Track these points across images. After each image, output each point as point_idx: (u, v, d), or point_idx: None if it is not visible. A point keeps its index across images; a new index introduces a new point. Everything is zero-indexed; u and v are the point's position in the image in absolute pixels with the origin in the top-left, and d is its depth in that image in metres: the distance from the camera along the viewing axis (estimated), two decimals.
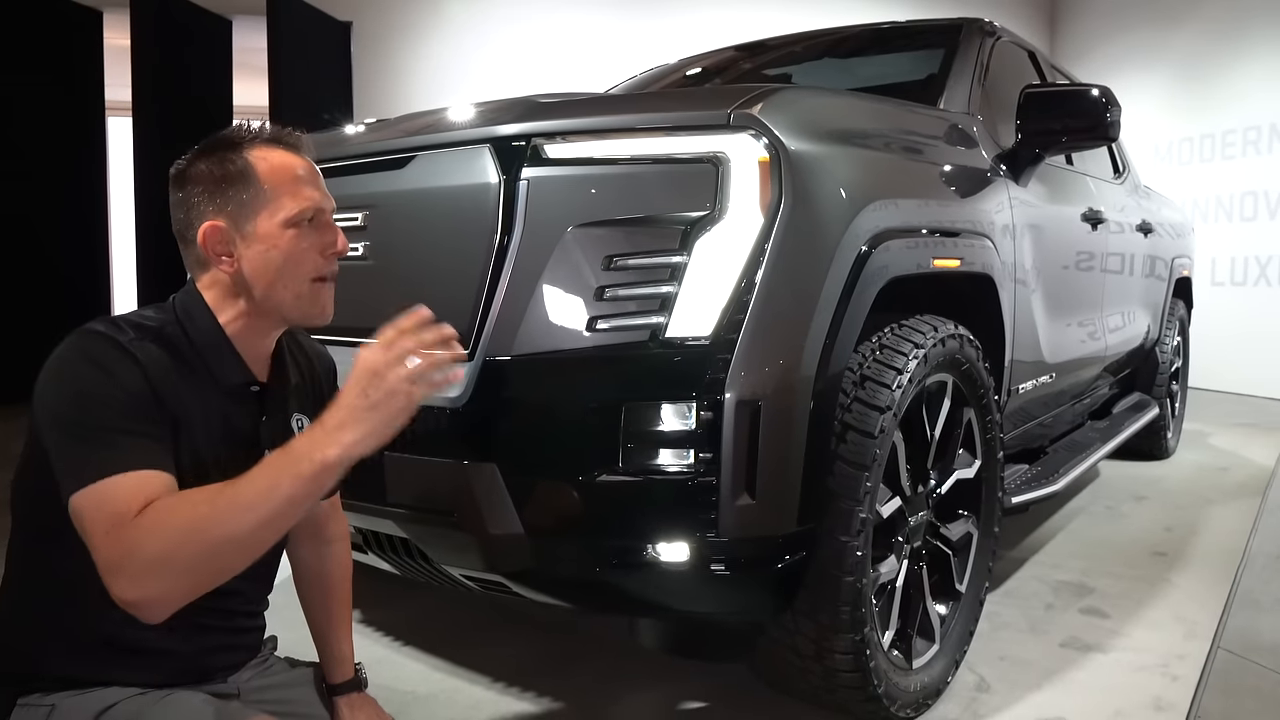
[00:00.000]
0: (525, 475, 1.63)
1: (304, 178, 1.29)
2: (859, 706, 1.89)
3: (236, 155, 1.27)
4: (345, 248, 1.32)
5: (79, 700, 1.21)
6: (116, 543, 1.06)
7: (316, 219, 1.29)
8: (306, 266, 1.28)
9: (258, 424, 1.34)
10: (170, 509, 1.08)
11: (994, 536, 2.33)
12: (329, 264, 1.31)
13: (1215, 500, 4.00)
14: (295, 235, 1.27)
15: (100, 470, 1.09)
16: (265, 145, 1.29)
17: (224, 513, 1.06)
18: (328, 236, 1.30)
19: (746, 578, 1.65)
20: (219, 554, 1.08)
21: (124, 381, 1.15)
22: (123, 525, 1.06)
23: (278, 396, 1.39)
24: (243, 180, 1.26)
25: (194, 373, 1.26)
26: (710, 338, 1.56)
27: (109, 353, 1.17)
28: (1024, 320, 2.60)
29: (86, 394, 1.13)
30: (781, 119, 1.68)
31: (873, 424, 1.76)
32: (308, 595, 1.59)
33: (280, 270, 1.26)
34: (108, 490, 1.08)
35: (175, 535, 1.06)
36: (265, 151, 1.28)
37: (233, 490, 1.08)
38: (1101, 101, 2.61)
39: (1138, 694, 2.15)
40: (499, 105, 1.98)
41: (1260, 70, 7.26)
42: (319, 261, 1.29)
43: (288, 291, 1.28)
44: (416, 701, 2.12)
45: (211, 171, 1.27)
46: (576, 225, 1.64)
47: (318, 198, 1.30)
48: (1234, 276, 7.50)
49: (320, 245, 1.29)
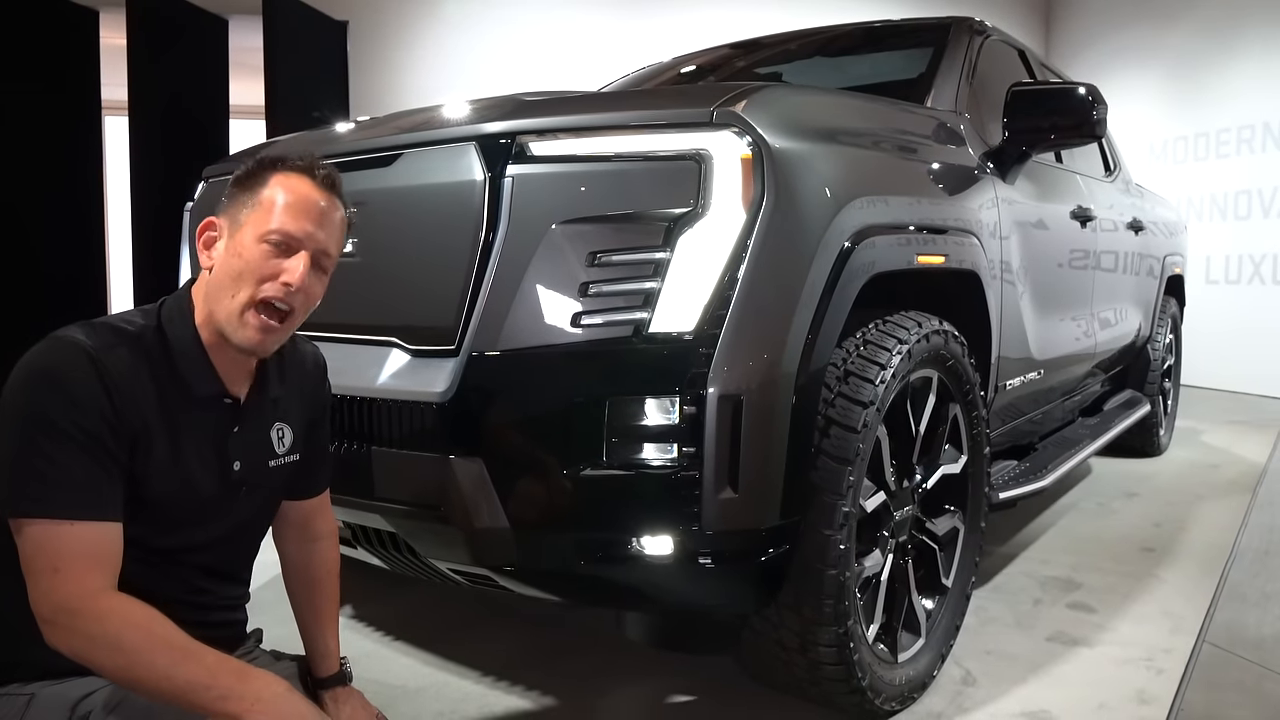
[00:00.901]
0: (511, 469, 1.65)
1: (301, 207, 1.30)
2: (843, 699, 1.90)
3: (268, 173, 1.31)
4: (293, 283, 1.28)
5: (57, 689, 1.23)
6: (55, 594, 1.13)
7: (291, 247, 1.29)
8: (253, 284, 1.27)
9: (228, 436, 1.36)
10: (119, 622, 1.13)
11: (980, 531, 2.35)
12: (272, 291, 1.27)
13: (1206, 497, 4.02)
14: (263, 252, 1.27)
15: (42, 504, 1.14)
16: (295, 172, 1.32)
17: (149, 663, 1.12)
18: (287, 265, 1.28)
19: (730, 571, 1.67)
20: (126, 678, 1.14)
21: (83, 405, 1.17)
22: (64, 580, 1.13)
23: (254, 410, 1.40)
24: (254, 190, 1.30)
25: (166, 382, 1.28)
26: (693, 333, 1.57)
27: (75, 368, 1.18)
28: (1011, 317, 2.62)
29: (42, 415, 1.16)
30: (764, 117, 1.70)
31: (856, 419, 1.78)
32: (295, 590, 1.60)
33: (233, 278, 1.28)
34: (50, 534, 1.14)
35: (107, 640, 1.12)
36: (290, 176, 1.31)
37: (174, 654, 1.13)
38: (1088, 99, 2.63)
39: (1122, 687, 2.17)
40: (484, 103, 1.99)
41: (1254, 69, 7.28)
42: (267, 286, 1.27)
43: (226, 305, 1.28)
44: (404, 695, 2.13)
45: (241, 179, 1.32)
46: (561, 222, 1.65)
47: (297, 227, 1.29)
48: (1228, 275, 7.52)
49: (278, 270, 1.28)
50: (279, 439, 1.45)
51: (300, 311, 1.33)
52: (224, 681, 1.12)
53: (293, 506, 1.56)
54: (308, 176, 1.32)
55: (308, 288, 1.30)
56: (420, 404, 1.69)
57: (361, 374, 1.76)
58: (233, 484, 1.37)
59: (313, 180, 1.32)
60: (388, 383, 1.75)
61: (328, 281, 1.38)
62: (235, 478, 1.37)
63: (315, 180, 1.32)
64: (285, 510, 1.56)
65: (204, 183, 2.46)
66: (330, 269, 1.37)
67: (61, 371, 1.18)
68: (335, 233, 1.35)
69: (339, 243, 1.38)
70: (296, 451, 1.49)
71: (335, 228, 1.35)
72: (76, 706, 1.21)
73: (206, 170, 2.48)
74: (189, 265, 2.42)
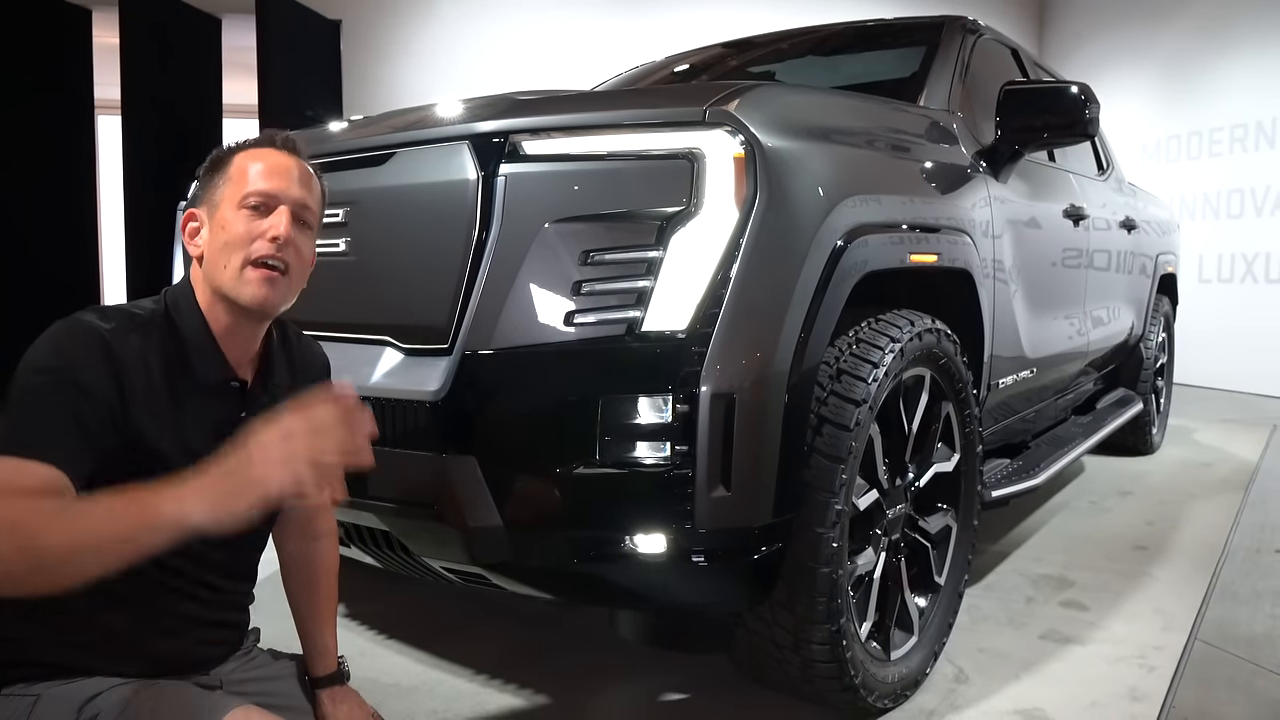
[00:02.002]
0: (504, 468, 1.65)
1: (270, 169, 1.32)
2: (836, 697, 1.91)
3: (231, 154, 1.35)
4: (279, 235, 1.29)
5: (64, 690, 1.22)
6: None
7: (268, 205, 1.31)
8: (243, 248, 1.29)
9: (237, 421, 1.36)
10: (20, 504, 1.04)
11: (973, 530, 2.35)
12: (262, 249, 1.29)
13: (1198, 495, 4.03)
14: (245, 217, 1.30)
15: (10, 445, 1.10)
16: (256, 146, 1.35)
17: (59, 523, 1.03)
18: (269, 222, 1.31)
19: (723, 569, 1.67)
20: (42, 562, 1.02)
21: (84, 373, 1.17)
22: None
23: (261, 394, 1.40)
24: (222, 171, 1.34)
25: (175, 367, 1.28)
26: (686, 331, 1.57)
27: (85, 342, 1.19)
28: (1004, 315, 2.63)
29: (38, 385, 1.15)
30: (757, 116, 1.70)
31: (848, 417, 1.78)
32: (293, 589, 1.60)
33: (224, 248, 1.29)
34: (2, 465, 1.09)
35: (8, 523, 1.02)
36: (251, 150, 1.35)
37: (78, 506, 1.06)
38: (1080, 98, 2.63)
39: (1114, 685, 2.18)
40: (478, 103, 1.99)
41: (1247, 68, 7.31)
42: (256, 245, 1.29)
43: (226, 272, 1.29)
44: (399, 693, 2.13)
45: (208, 168, 1.36)
46: (554, 220, 1.66)
47: (270, 185, 1.31)
48: (1221, 273, 7.55)
49: (263, 229, 1.30)
50: None
51: (295, 268, 1.33)
52: (133, 503, 1.04)
53: None
54: (269, 146, 1.36)
55: (295, 241, 1.32)
56: (414, 402, 1.69)
57: (355, 372, 1.76)
58: None
59: (274, 147, 1.36)
60: (381, 381, 1.75)
61: (314, 240, 1.39)
62: None
63: (276, 146, 1.36)
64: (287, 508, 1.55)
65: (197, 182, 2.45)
66: (315, 225, 1.38)
67: (71, 344, 1.19)
68: (312, 189, 1.37)
69: (317, 200, 1.39)
70: None
71: (310, 184, 1.37)
72: (83, 708, 1.20)
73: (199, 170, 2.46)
74: (182, 263, 2.42)
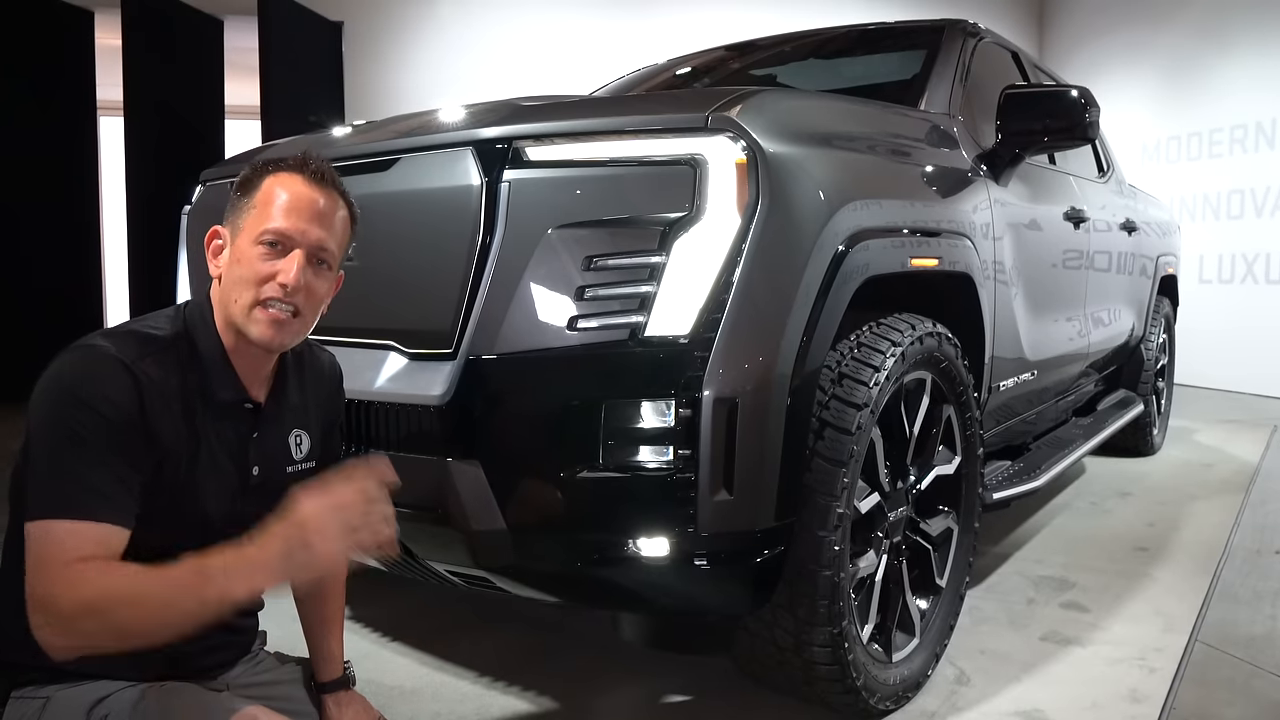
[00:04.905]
0: (508, 472, 1.66)
1: (293, 205, 1.29)
2: (838, 699, 1.91)
3: (261, 176, 1.31)
4: (288, 283, 1.27)
5: (73, 693, 1.23)
6: (38, 583, 1.10)
7: (285, 246, 1.28)
8: (254, 287, 1.27)
9: (248, 441, 1.37)
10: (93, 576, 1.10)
11: (974, 532, 2.36)
12: (272, 292, 1.27)
13: (1199, 496, 4.04)
14: (260, 254, 1.27)
15: (56, 508, 1.13)
16: (287, 171, 1.31)
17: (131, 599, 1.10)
18: (282, 265, 1.28)
19: (725, 572, 1.68)
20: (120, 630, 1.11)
21: (111, 416, 1.17)
22: (48, 567, 1.10)
23: (273, 415, 1.41)
24: (250, 195, 1.31)
25: (193, 390, 1.28)
26: (689, 336, 1.58)
27: (108, 380, 1.19)
28: (1004, 318, 2.63)
29: (73, 429, 1.15)
30: (759, 121, 1.71)
31: (850, 421, 1.79)
32: (302, 594, 1.60)
33: (237, 282, 1.28)
34: (53, 531, 1.12)
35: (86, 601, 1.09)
36: (282, 175, 1.31)
37: (147, 581, 1.10)
38: (1080, 102, 2.64)
39: (1115, 686, 2.19)
40: (481, 108, 2.00)
41: (1246, 69, 7.31)
42: (265, 287, 1.27)
43: (237, 306, 1.28)
44: (402, 696, 2.14)
45: (240, 186, 1.33)
46: (557, 226, 1.66)
47: (289, 224, 1.28)
48: (1221, 274, 7.55)
49: (274, 271, 1.27)
50: (296, 445, 1.46)
51: (307, 309, 1.31)
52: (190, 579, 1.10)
53: None
54: (300, 174, 1.31)
55: (307, 285, 1.29)
56: (418, 407, 1.71)
57: (360, 377, 1.77)
58: (251, 489, 1.37)
59: (305, 177, 1.31)
60: (386, 386, 1.76)
61: (334, 277, 1.37)
62: (254, 483, 1.37)
63: (307, 176, 1.31)
64: None
65: (202, 186, 2.47)
66: (334, 263, 1.35)
67: (93, 384, 1.18)
68: (334, 227, 1.33)
69: (340, 236, 1.35)
70: (313, 459, 1.49)
71: (333, 222, 1.33)
72: (92, 710, 1.21)
73: (204, 174, 2.48)
74: (186, 268, 2.43)
